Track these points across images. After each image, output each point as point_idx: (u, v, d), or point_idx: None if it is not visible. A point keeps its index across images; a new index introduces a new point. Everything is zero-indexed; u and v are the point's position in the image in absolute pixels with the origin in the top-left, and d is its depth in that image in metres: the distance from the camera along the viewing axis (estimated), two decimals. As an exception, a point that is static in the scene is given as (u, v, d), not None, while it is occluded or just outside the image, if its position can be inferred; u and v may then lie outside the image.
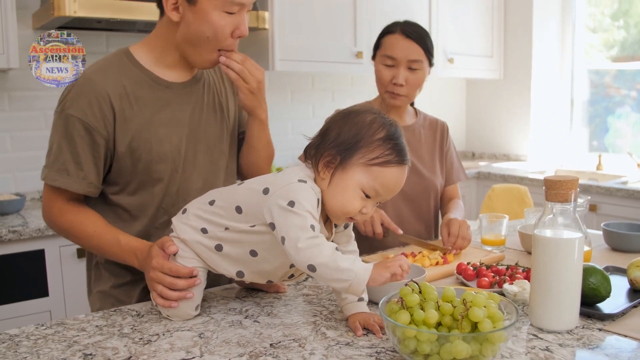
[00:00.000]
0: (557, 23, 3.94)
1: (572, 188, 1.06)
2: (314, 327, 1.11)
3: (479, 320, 0.89)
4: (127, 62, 1.26)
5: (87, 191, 1.24)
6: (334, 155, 1.05)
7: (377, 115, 1.08)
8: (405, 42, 1.68)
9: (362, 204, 1.06)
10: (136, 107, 1.24)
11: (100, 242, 1.24)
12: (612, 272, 1.40)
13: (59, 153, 1.22)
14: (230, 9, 1.21)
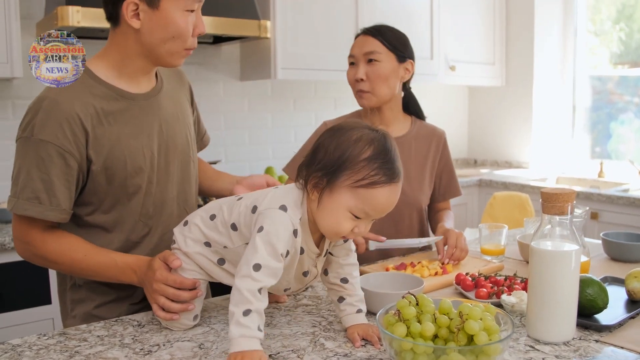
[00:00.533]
0: (558, 30, 3.95)
1: (568, 201, 1.07)
2: (312, 337, 1.12)
3: (475, 333, 0.90)
4: (89, 79, 1.23)
5: (60, 218, 1.20)
6: (321, 177, 1.02)
7: (364, 132, 1.03)
8: (362, 38, 1.72)
9: (352, 224, 1.04)
10: (106, 124, 1.22)
11: (93, 265, 1.22)
12: (610, 283, 1.40)
13: (28, 180, 1.16)
14: (191, 7, 1.21)
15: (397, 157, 1.05)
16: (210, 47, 3.14)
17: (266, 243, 1.00)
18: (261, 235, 1.01)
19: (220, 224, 1.12)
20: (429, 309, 0.96)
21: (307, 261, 1.11)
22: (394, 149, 1.05)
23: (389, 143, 1.05)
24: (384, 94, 1.70)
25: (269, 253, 1.00)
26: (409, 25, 3.46)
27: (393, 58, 1.69)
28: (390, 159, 1.03)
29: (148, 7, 1.18)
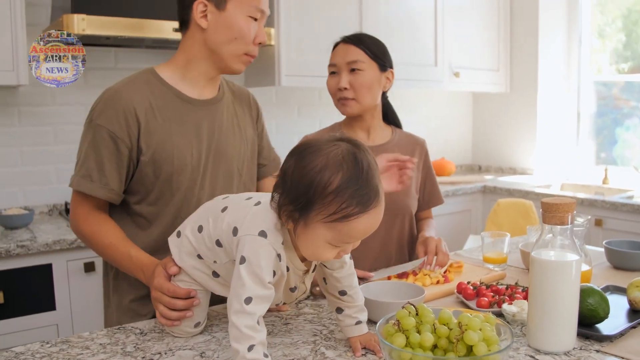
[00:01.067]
0: (563, 36, 3.95)
1: (568, 211, 1.07)
2: (313, 346, 1.13)
3: (474, 344, 0.90)
4: (153, 79, 1.34)
5: (108, 197, 1.30)
6: (292, 211, 0.96)
7: (330, 154, 0.94)
8: (343, 46, 1.70)
9: (334, 252, 1.00)
10: (160, 120, 1.31)
11: (114, 254, 1.29)
12: (612, 292, 1.40)
13: (85, 161, 1.29)
14: (254, 14, 1.33)
15: (373, 175, 0.96)
16: (214, 54, 3.15)
17: (251, 274, 0.97)
18: (244, 266, 0.98)
19: (207, 238, 1.10)
20: (429, 319, 0.96)
21: (294, 278, 1.11)
22: (368, 165, 0.95)
23: (361, 160, 0.95)
24: (368, 102, 1.71)
25: (256, 283, 0.97)
26: (413, 32, 3.48)
27: (375, 67, 1.70)
28: (363, 183, 0.94)
29: (215, 8, 1.31)
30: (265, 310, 1.00)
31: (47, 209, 2.68)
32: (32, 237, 2.19)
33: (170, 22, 2.44)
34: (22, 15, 2.26)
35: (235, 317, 0.96)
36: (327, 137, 0.99)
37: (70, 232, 2.26)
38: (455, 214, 3.51)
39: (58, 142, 2.70)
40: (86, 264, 2.22)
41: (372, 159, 0.98)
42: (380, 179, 0.99)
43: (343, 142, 0.98)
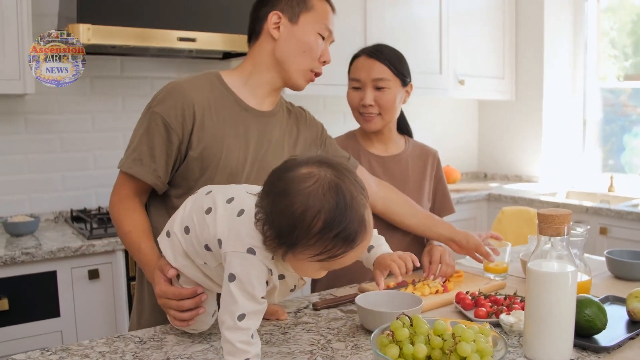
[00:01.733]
0: (568, 43, 3.95)
1: (564, 222, 1.07)
2: (310, 356, 1.13)
3: (467, 355, 0.91)
4: (216, 81, 1.38)
5: (155, 183, 1.32)
6: (277, 245, 0.95)
7: (310, 193, 0.91)
8: (369, 61, 1.71)
9: (326, 271, 1.00)
10: (215, 120, 1.34)
11: (128, 243, 1.31)
12: (612, 302, 1.40)
13: (138, 145, 1.31)
14: (323, 33, 1.39)
15: (357, 205, 0.92)
16: (220, 62, 3.17)
17: (242, 291, 0.97)
18: (235, 284, 0.97)
19: (195, 241, 1.09)
20: (423, 330, 0.96)
21: (291, 280, 1.12)
22: (351, 197, 0.92)
23: (344, 193, 0.91)
24: (391, 118, 1.75)
25: (248, 300, 0.97)
26: (418, 40, 3.49)
27: (399, 83, 1.72)
28: (347, 220, 0.91)
29: (289, 21, 1.37)
30: (259, 323, 1.01)
31: (53, 216, 2.71)
32: (37, 244, 2.21)
33: (175, 32, 2.47)
34: (28, 24, 2.28)
35: (229, 333, 0.97)
36: (304, 161, 0.95)
37: (75, 240, 2.28)
38: (460, 222, 3.50)
39: (64, 150, 2.73)
40: (90, 271, 2.24)
41: (356, 183, 0.95)
42: (365, 202, 0.95)
43: (325, 170, 0.94)
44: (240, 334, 0.97)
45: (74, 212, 2.67)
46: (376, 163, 1.81)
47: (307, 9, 1.37)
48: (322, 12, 1.39)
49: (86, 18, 2.27)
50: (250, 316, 0.98)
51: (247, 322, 0.97)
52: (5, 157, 2.59)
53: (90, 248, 2.21)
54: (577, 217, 3.06)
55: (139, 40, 2.38)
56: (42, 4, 2.57)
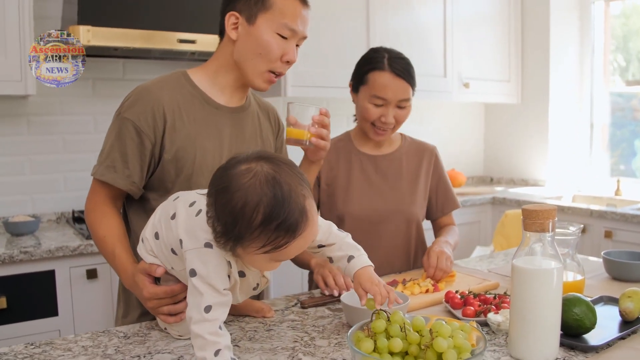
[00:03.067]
0: (575, 46, 3.91)
1: (549, 218, 1.05)
2: (291, 352, 1.12)
3: (443, 351, 0.89)
4: (184, 81, 1.37)
5: (129, 189, 1.31)
6: (225, 241, 0.96)
7: (249, 187, 0.92)
8: (396, 82, 1.64)
9: (279, 262, 1.01)
10: (186, 121, 1.33)
11: (103, 248, 1.29)
12: (605, 303, 1.37)
13: (110, 151, 1.30)
14: (283, 33, 1.33)
15: (297, 195, 0.93)
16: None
17: (205, 284, 0.99)
18: (196, 279, 0.99)
19: (163, 246, 1.11)
20: (399, 325, 0.95)
21: (253, 278, 1.12)
22: (289, 188, 0.93)
23: (281, 184, 0.93)
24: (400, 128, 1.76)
25: (212, 292, 0.99)
26: (422, 43, 3.47)
27: (412, 95, 1.71)
28: (287, 210, 0.92)
29: (246, 21, 1.33)
30: (226, 315, 1.01)
31: (55, 217, 2.72)
32: (36, 243, 2.22)
33: (176, 34, 2.48)
34: (30, 26, 2.31)
35: (197, 327, 0.97)
36: (245, 159, 0.97)
37: (74, 239, 2.29)
38: (464, 225, 3.47)
39: (66, 151, 2.74)
40: (88, 270, 2.25)
41: (294, 175, 0.95)
42: (305, 193, 0.95)
43: (262, 164, 0.95)
44: (209, 325, 0.97)
45: (75, 212, 2.69)
46: (368, 162, 1.80)
47: (266, 9, 1.31)
48: (283, 10, 1.31)
49: (87, 20, 2.29)
50: (216, 307, 0.98)
51: (214, 314, 0.98)
52: (7, 158, 2.62)
53: (89, 247, 2.22)
54: (582, 221, 3.02)
55: (139, 42, 2.40)
56: (44, 7, 2.59)
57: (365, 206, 1.74)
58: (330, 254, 1.15)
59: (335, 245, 1.14)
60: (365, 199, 1.75)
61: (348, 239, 1.15)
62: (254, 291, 1.15)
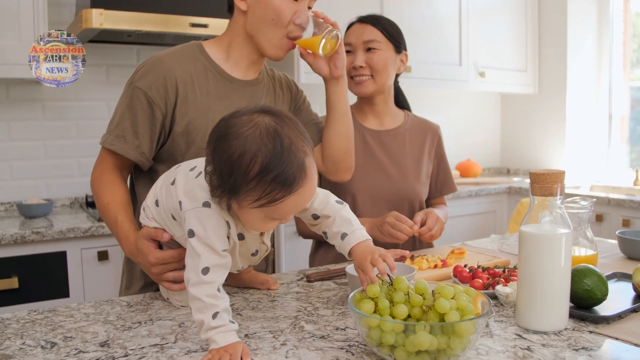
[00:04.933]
0: (593, 36, 3.84)
1: (557, 181, 1.02)
2: (294, 321, 1.11)
3: (445, 312, 0.87)
4: (198, 53, 1.35)
5: (138, 160, 1.30)
6: (221, 194, 0.94)
7: (248, 136, 0.90)
8: (359, 26, 1.71)
9: (275, 222, 0.99)
10: (198, 93, 1.31)
11: (106, 215, 1.27)
12: (619, 279, 1.34)
13: (121, 121, 1.29)
14: None
15: (297, 150, 0.91)
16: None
17: (203, 245, 0.96)
18: (194, 240, 0.97)
19: (163, 212, 1.10)
20: (402, 288, 0.93)
21: (252, 243, 1.10)
22: (290, 141, 0.91)
23: (282, 137, 0.91)
24: (383, 82, 1.72)
25: (210, 252, 0.96)
26: (437, 31, 3.44)
27: (391, 48, 1.71)
28: (286, 163, 0.89)
29: None
30: (224, 278, 0.99)
31: (69, 202, 2.75)
32: (48, 225, 2.24)
33: (188, 18, 2.48)
34: (44, 9, 2.33)
35: (195, 289, 0.95)
36: (248, 111, 0.95)
37: (85, 221, 2.30)
38: (480, 215, 3.43)
39: (80, 137, 2.77)
40: (100, 252, 2.26)
41: (296, 130, 0.93)
42: (306, 150, 0.93)
43: (263, 116, 0.93)
44: (207, 287, 0.94)
45: (88, 197, 2.70)
46: (371, 138, 1.78)
47: None
48: None
49: (100, 4, 2.30)
50: (214, 269, 0.96)
51: (211, 276, 0.95)
52: (22, 143, 2.65)
53: (100, 229, 2.23)
54: (600, 210, 2.96)
55: (151, 26, 2.40)
56: (59, -8, 2.62)
57: (368, 182, 1.73)
58: (326, 228, 1.12)
59: (330, 219, 1.10)
60: (369, 175, 1.73)
61: (343, 212, 1.10)
62: (253, 257, 1.13)
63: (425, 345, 0.84)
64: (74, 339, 1.02)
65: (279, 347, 0.97)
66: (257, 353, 0.95)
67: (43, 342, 1.01)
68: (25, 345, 0.99)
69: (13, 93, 2.61)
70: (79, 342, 1.00)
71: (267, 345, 0.98)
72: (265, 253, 1.17)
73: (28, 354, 0.96)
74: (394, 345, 0.87)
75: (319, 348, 0.97)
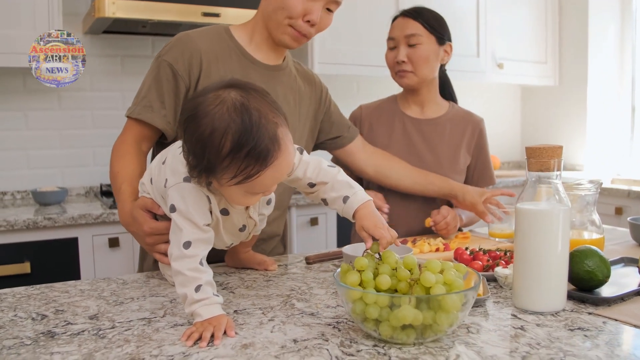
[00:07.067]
0: (615, 26, 3.74)
1: (554, 156, 0.99)
2: (286, 299, 1.09)
3: (431, 285, 0.85)
4: (224, 35, 1.39)
5: (165, 128, 1.32)
6: (199, 172, 0.93)
7: (214, 117, 0.88)
8: (402, 20, 1.73)
9: (258, 196, 0.98)
10: (222, 70, 1.34)
11: (113, 183, 1.29)
12: (626, 264, 1.30)
13: (148, 92, 1.32)
14: None
15: (267, 122, 0.89)
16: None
17: (185, 220, 0.96)
18: (176, 215, 0.97)
19: (156, 190, 1.11)
20: (391, 261, 0.91)
21: (238, 218, 1.09)
22: (259, 114, 0.89)
23: (250, 111, 0.89)
24: (425, 75, 1.73)
25: (192, 227, 0.96)
26: (454, 21, 3.35)
27: (433, 40, 1.71)
28: (257, 137, 0.88)
29: None
30: (207, 252, 0.98)
31: (84, 191, 2.78)
32: (61, 211, 2.27)
33: (199, 7, 2.48)
34: (59, 2, 2.35)
35: (177, 263, 0.94)
36: (214, 87, 0.93)
37: (97, 208, 2.33)
38: (496, 209, 3.37)
39: (96, 127, 2.80)
40: (111, 239, 2.28)
41: (264, 102, 0.91)
42: (277, 120, 0.91)
43: (229, 91, 0.91)
44: (188, 261, 0.94)
45: (103, 186, 2.73)
46: (410, 125, 1.79)
47: None
48: None
49: (113, -7, 2.32)
50: (196, 244, 0.96)
51: (193, 250, 0.95)
52: (39, 132, 2.69)
53: (111, 216, 2.25)
54: (620, 202, 2.89)
55: (162, 15, 2.41)
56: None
57: None
58: (324, 195, 1.10)
59: (328, 185, 1.09)
60: (404, 161, 1.73)
61: (339, 176, 1.10)
62: (241, 233, 1.12)
63: (409, 319, 0.82)
64: (65, 312, 1.03)
65: (266, 322, 0.96)
66: (243, 327, 0.94)
67: (34, 314, 1.01)
68: (17, 317, 1.00)
69: (30, 83, 2.65)
70: (69, 315, 1.01)
71: (255, 320, 0.97)
72: (254, 228, 1.16)
73: (18, 324, 0.96)
74: (379, 320, 0.85)
75: (306, 324, 0.95)
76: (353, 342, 0.87)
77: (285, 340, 0.88)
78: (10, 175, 2.65)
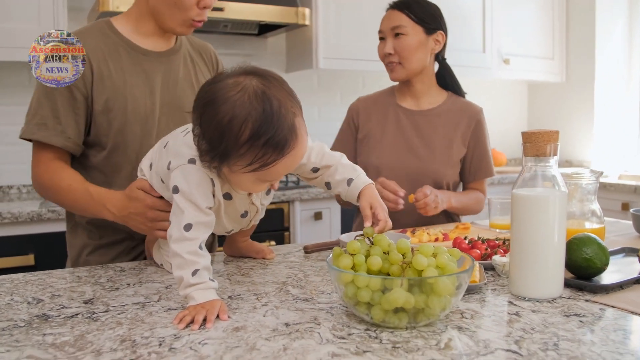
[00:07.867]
0: (623, 22, 3.71)
1: (550, 141, 0.99)
2: (281, 286, 1.09)
3: (423, 268, 0.84)
4: (107, 30, 1.32)
5: (65, 145, 1.26)
6: (212, 159, 0.93)
7: (237, 101, 0.88)
8: (389, 12, 1.76)
9: (266, 184, 1.00)
10: (113, 70, 1.28)
11: (73, 196, 1.24)
12: (627, 254, 1.28)
13: (38, 108, 1.26)
14: None
15: (287, 112, 0.89)
16: (256, 39, 3.19)
17: (187, 202, 0.96)
18: (179, 196, 0.96)
19: (155, 175, 1.10)
20: (383, 244, 0.91)
21: (240, 204, 1.08)
22: (279, 103, 0.89)
23: (271, 99, 0.88)
24: (413, 66, 1.72)
25: (194, 209, 0.96)
26: (459, 15, 3.37)
27: (420, 31, 1.69)
28: (276, 126, 0.88)
29: None
30: (207, 236, 0.98)
31: (89, 185, 2.79)
32: (65, 204, 2.28)
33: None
34: (63, -1, 2.38)
35: (176, 245, 0.94)
36: (233, 74, 0.92)
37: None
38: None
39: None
40: (114, 232, 2.28)
41: (284, 91, 0.91)
42: (295, 110, 0.91)
43: (250, 79, 0.90)
44: (188, 244, 0.94)
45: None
46: (404, 117, 1.78)
47: None
48: None
49: (116, -13, 2.33)
50: (197, 227, 0.96)
51: (194, 233, 0.95)
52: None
53: (114, 209, 2.25)
54: (627, 198, 2.86)
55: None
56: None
57: (394, 159, 1.73)
58: (328, 178, 1.11)
59: (332, 168, 1.10)
60: (397, 153, 1.73)
61: (344, 160, 1.11)
62: (242, 219, 1.12)
63: (400, 302, 0.81)
64: (60, 297, 1.03)
65: (260, 307, 0.96)
66: (236, 312, 0.94)
67: (30, 298, 1.02)
68: (13, 301, 1.01)
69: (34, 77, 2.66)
70: (64, 300, 1.01)
71: (248, 305, 0.97)
72: (256, 215, 1.15)
73: (13, 307, 0.97)
74: (371, 304, 0.85)
75: (299, 309, 0.95)
76: (345, 326, 0.87)
77: (277, 323, 0.88)
78: (17, 169, 2.67)
